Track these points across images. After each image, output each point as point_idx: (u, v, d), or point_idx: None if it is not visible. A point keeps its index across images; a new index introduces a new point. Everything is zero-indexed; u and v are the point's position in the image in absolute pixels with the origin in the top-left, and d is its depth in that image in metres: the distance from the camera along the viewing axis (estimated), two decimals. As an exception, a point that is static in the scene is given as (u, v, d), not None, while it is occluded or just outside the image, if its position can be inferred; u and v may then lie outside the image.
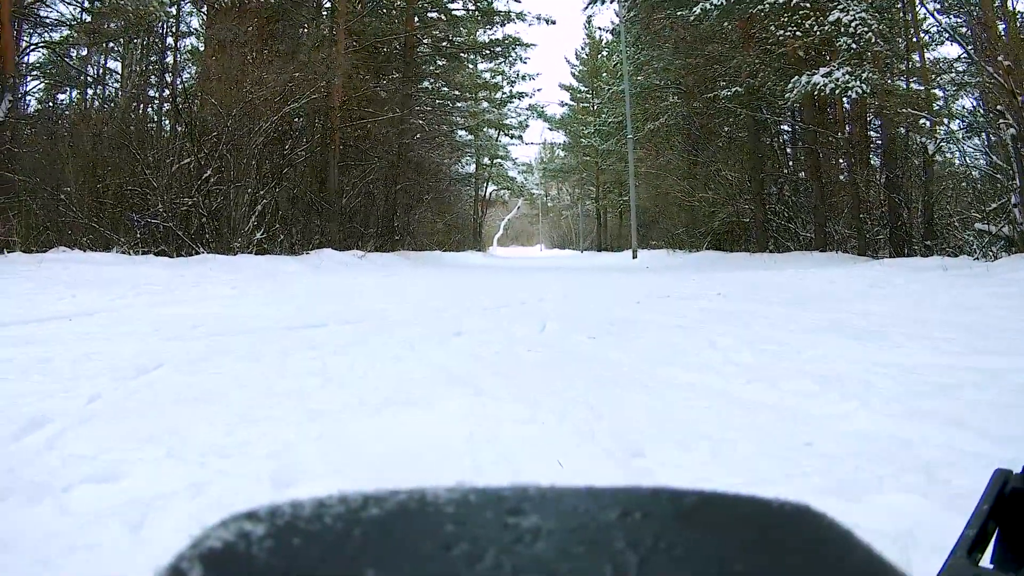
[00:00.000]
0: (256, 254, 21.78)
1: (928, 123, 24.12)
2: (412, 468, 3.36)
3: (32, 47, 27.56)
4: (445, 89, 46.26)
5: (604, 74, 62.72)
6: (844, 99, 27.42)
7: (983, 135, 21.62)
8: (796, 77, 23.77)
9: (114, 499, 2.94)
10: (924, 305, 10.17)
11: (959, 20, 27.98)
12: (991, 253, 17.34)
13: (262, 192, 22.97)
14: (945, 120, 23.59)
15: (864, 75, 22.27)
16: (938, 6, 27.82)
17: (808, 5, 23.96)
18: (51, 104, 30.05)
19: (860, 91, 22.41)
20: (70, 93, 31.51)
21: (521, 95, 58.98)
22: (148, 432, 3.82)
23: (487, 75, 56.70)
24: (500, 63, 50.76)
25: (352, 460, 3.49)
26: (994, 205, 17.88)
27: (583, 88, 72.62)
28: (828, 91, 22.75)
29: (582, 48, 74.34)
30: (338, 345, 6.89)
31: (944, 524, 2.61)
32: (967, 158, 22.21)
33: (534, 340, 7.46)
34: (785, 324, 8.51)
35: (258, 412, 4.31)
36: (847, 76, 22.29)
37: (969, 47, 23.30)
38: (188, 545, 0.46)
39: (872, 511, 2.83)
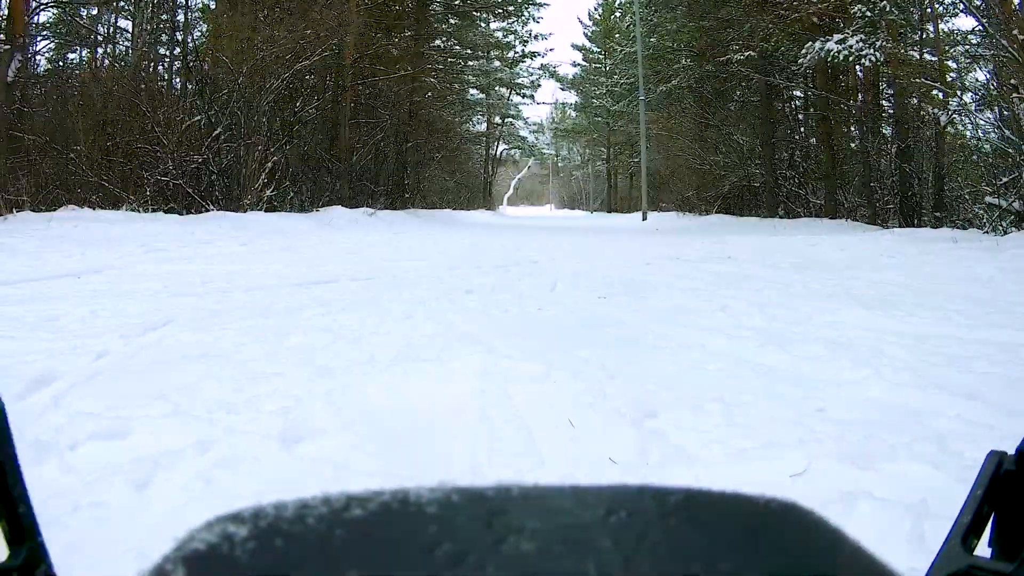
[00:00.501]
0: (266, 211, 21.73)
1: (940, 95, 23.93)
2: (422, 425, 3.34)
3: (42, 7, 27.42)
4: (457, 48, 46.00)
5: (617, 35, 62.13)
6: (857, 67, 27.18)
7: (995, 109, 21.40)
8: (810, 43, 23.51)
9: (120, 457, 2.91)
10: (935, 276, 10.05)
11: None
12: (1000, 227, 17.11)
13: (272, 149, 22.87)
14: (958, 92, 23.37)
15: (878, 43, 22.01)
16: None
17: (824, -30, 23.67)
18: (62, 64, 29.95)
19: (873, 59, 22.19)
20: (80, 52, 31.34)
21: (533, 55, 58.68)
22: (156, 389, 3.79)
23: (499, 34, 56.34)
24: (513, 22, 50.51)
25: (361, 417, 3.46)
26: (1005, 179, 17.70)
27: (596, 49, 72.01)
28: (841, 58, 22.48)
29: (595, 8, 73.72)
30: (348, 302, 6.87)
31: (957, 496, 2.56)
32: (979, 131, 22.01)
33: (545, 299, 7.45)
34: (797, 289, 8.48)
35: (267, 368, 4.28)
36: (861, 44, 22.03)
37: (984, 20, 23.05)
38: (173, 547, 0.46)
39: (885, 480, 2.80)
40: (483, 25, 50.11)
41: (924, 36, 26.05)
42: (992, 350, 5.21)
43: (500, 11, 43.57)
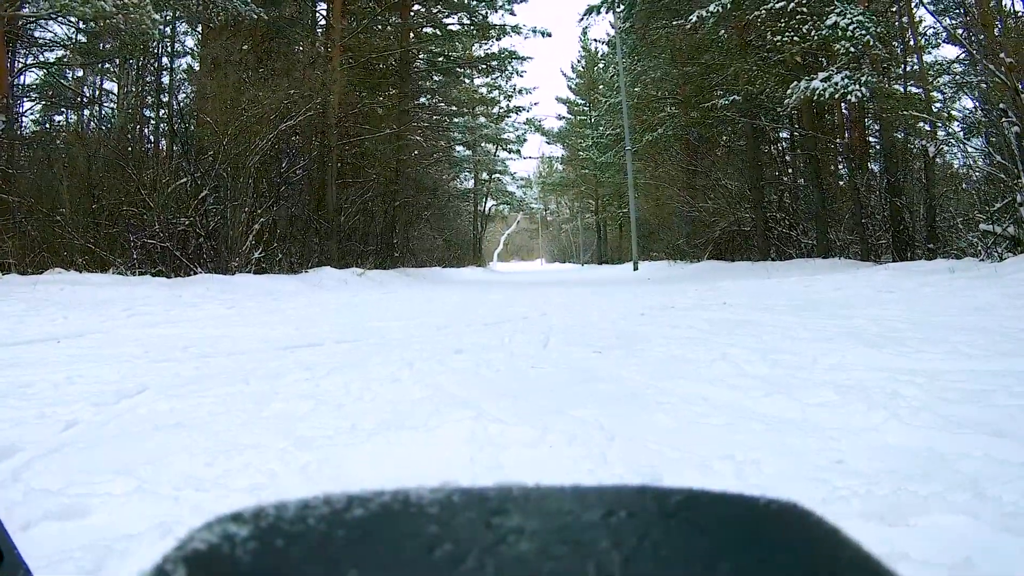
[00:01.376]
0: (255, 273, 21.66)
1: (927, 126, 24.04)
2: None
3: (26, 68, 27.46)
4: (442, 105, 46.25)
5: (601, 86, 62.59)
6: (842, 104, 27.33)
7: (983, 135, 21.45)
8: (795, 83, 23.58)
9: (74, 540, 2.64)
10: (937, 309, 9.93)
11: (955, 21, 27.92)
12: (996, 254, 17.16)
13: (259, 211, 22.86)
14: (945, 121, 23.45)
15: (863, 79, 22.07)
16: (934, 8, 27.73)
17: (805, 10, 23.80)
18: (48, 125, 30.00)
19: (860, 95, 22.22)
20: (67, 114, 31.44)
21: (518, 109, 59.04)
22: (123, 462, 3.54)
23: (484, 90, 56.68)
24: (496, 77, 50.70)
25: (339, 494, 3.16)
26: (998, 205, 17.74)
27: (580, 101, 72.57)
28: (827, 96, 22.51)
29: (578, 61, 74.52)
30: (333, 366, 6.60)
31: (1003, 549, 2.34)
32: (969, 159, 22.11)
33: (538, 356, 7.16)
34: (797, 332, 8.23)
35: (243, 439, 4.02)
36: (846, 80, 22.08)
37: (968, 47, 23.19)
38: (174, 547, 0.47)
39: (920, 538, 2.53)
40: (467, 81, 50.33)
41: (907, 69, 26.22)
42: (1009, 381, 5.01)
43: (483, 67, 43.61)
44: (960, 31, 27.07)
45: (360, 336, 9.07)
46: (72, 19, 25.48)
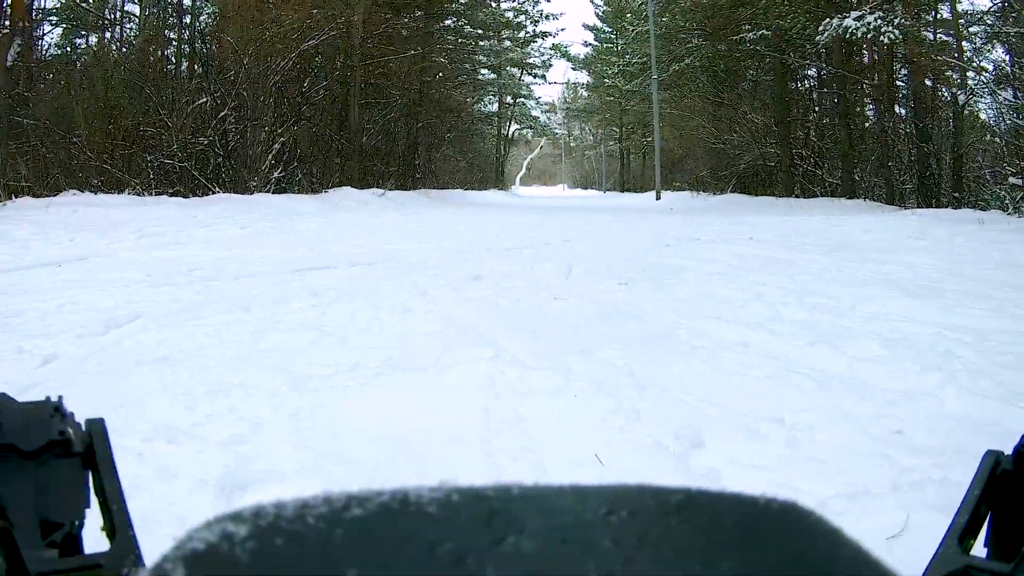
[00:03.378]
0: (274, 193, 21.38)
1: (956, 76, 23.58)
2: (406, 465, 2.70)
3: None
4: (468, 28, 45.52)
5: (628, 15, 61.42)
6: (872, 47, 26.76)
7: (1011, 87, 20.89)
8: (827, 19, 22.96)
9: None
10: (972, 261, 9.48)
11: None
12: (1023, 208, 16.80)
13: (279, 131, 22.47)
14: (975, 71, 22.93)
15: (897, 20, 21.44)
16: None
17: (841, -54, 23.18)
18: (69, 49, 29.69)
19: (892, 37, 21.60)
20: (88, 37, 31.01)
21: (544, 34, 58.43)
22: (94, 405, 3.16)
23: (510, 14, 55.93)
24: (524, 1, 49.93)
25: (330, 452, 2.85)
26: None
27: (607, 28, 71.41)
28: (860, 35, 21.95)
29: (606, -13, 73.26)
30: (343, 291, 6.22)
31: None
32: (1001, 110, 21.59)
33: (560, 286, 6.75)
34: (830, 275, 7.83)
35: (233, 376, 3.66)
36: (879, 21, 21.45)
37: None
38: (172, 547, 0.45)
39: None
40: (493, 4, 49.57)
41: (938, 17, 25.65)
42: (1065, 346, 4.58)
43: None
44: None
45: (375, 259, 8.69)
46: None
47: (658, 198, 36.86)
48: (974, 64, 22.99)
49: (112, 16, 30.47)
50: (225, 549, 0.44)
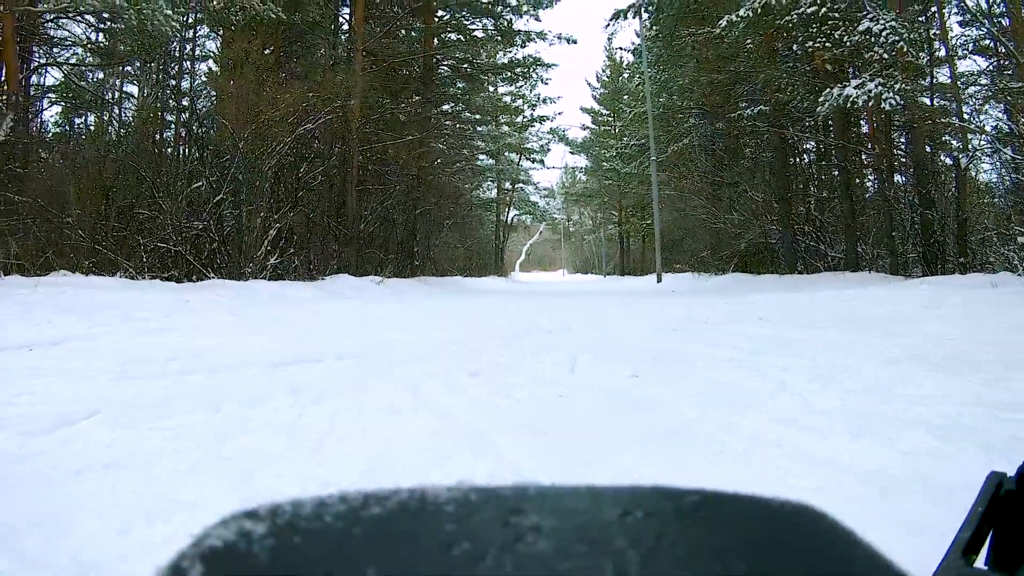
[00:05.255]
0: (270, 279, 21.17)
1: (956, 141, 23.67)
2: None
3: (42, 67, 27.09)
4: (466, 113, 45.72)
5: (626, 96, 62.14)
6: (862, 120, 26.85)
7: (1011, 147, 20.80)
8: (827, 90, 22.89)
9: None
10: (997, 327, 9.11)
11: (982, 32, 27.44)
12: None
13: (276, 216, 22.23)
14: (976, 133, 22.96)
15: (897, 86, 21.32)
16: (960, 19, 27.28)
17: (837, 15, 23.25)
18: (68, 128, 29.76)
19: (893, 103, 21.51)
20: (86, 117, 31.08)
21: (542, 119, 58.78)
22: (12, 522, 2.68)
23: (508, 98, 56.31)
24: (521, 86, 50.24)
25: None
26: None
27: (604, 111, 72.02)
28: (861, 103, 21.89)
29: (603, 70, 73.93)
30: (325, 389, 5.69)
31: None
32: (1007, 170, 21.57)
33: (565, 380, 6.20)
34: (853, 353, 7.34)
35: (183, 491, 3.13)
36: (880, 87, 21.33)
37: (993, 59, 22.97)
38: (189, 544, 0.46)
39: None
40: (491, 89, 49.84)
41: (934, 81, 25.81)
42: None
43: (508, 74, 43.02)
44: (987, 41, 26.74)
45: (365, 351, 8.18)
46: (88, 17, 25.16)
47: (659, 280, 36.65)
48: (974, 125, 22.99)
49: (111, 96, 30.59)
50: (242, 547, 0.44)
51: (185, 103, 29.14)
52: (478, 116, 48.24)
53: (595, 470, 3.45)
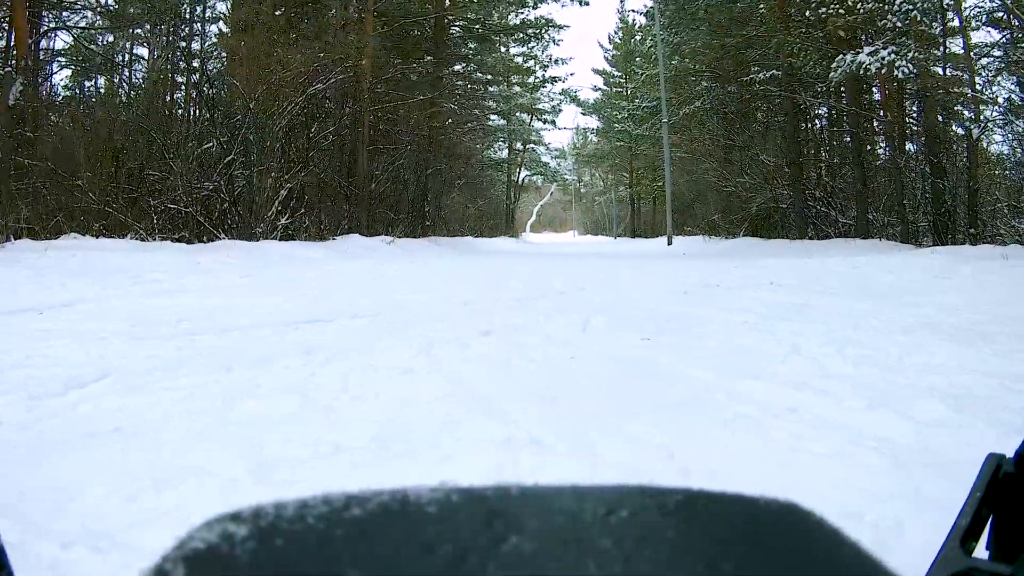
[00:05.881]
0: (281, 240, 21.06)
1: (968, 111, 23.50)
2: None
3: (52, 31, 26.96)
4: (477, 73, 45.41)
5: (638, 58, 61.57)
6: (874, 87, 26.65)
7: (1021, 121, 20.63)
8: (840, 56, 22.67)
9: None
10: (1009, 300, 8.98)
11: (995, 3, 27.19)
12: None
13: (287, 176, 22.15)
14: (987, 105, 22.77)
15: (910, 54, 21.12)
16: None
17: (852, -18, 22.94)
18: (78, 91, 29.65)
19: (906, 71, 21.31)
20: (97, 80, 30.94)
21: (554, 79, 58.37)
22: (16, 491, 2.65)
23: (519, 59, 55.96)
24: (533, 47, 49.98)
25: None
26: None
27: (616, 73, 71.53)
28: (874, 70, 21.64)
29: (615, 32, 73.33)
30: (338, 348, 5.65)
31: None
32: (1018, 142, 21.41)
33: (577, 342, 6.15)
34: (866, 321, 7.27)
35: (191, 456, 3.09)
36: (893, 55, 21.12)
37: (1007, 31, 22.83)
38: (173, 546, 0.46)
39: None
40: (503, 50, 49.51)
41: (946, 52, 25.59)
42: None
43: (520, 35, 42.75)
44: (1001, 13, 26.55)
45: (378, 310, 8.14)
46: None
47: (670, 243, 36.51)
48: (988, 97, 22.80)
49: (121, 59, 30.43)
50: (225, 549, 0.44)
51: (196, 65, 28.95)
52: (490, 76, 47.96)
53: (605, 438, 3.41)
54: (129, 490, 2.70)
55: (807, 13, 27.43)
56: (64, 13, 26.88)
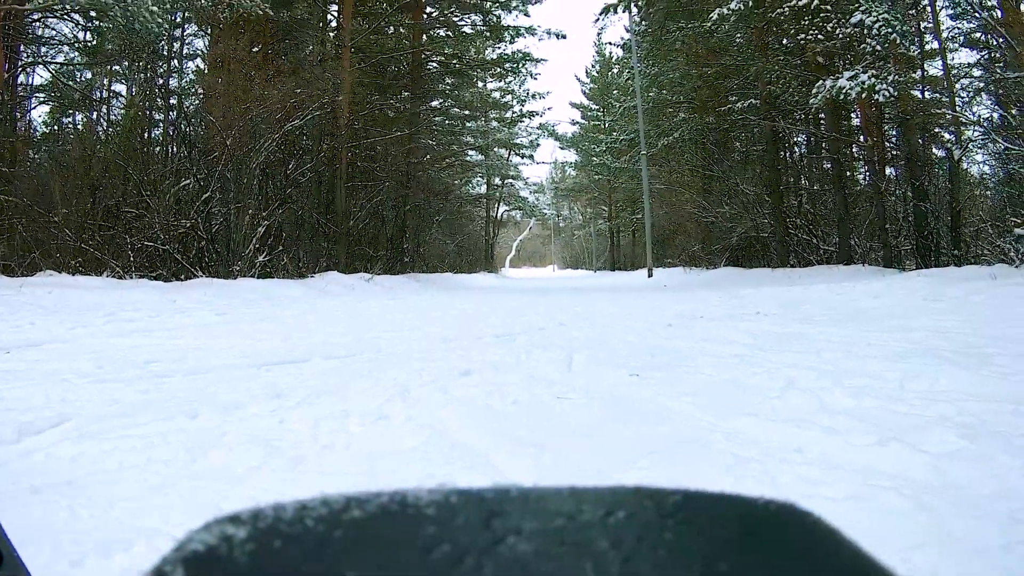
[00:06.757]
0: (259, 278, 20.99)
1: (947, 134, 23.83)
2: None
3: (30, 65, 26.88)
4: (455, 109, 45.49)
5: (615, 91, 61.92)
6: (853, 113, 26.85)
7: (1002, 139, 20.73)
8: (820, 82, 22.75)
9: None
10: (1003, 320, 8.89)
11: (973, 25, 27.48)
12: None
13: (264, 214, 22.01)
14: (968, 125, 22.97)
15: (890, 78, 21.18)
16: (951, 12, 27.22)
17: (829, 8, 23.14)
18: (56, 127, 29.62)
19: (887, 94, 21.40)
20: (74, 116, 30.87)
21: (531, 114, 58.63)
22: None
23: (497, 94, 56.17)
24: (510, 81, 50.12)
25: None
26: None
27: (594, 106, 71.97)
28: (854, 95, 21.75)
29: (592, 66, 73.94)
30: (309, 392, 5.39)
31: None
32: (998, 161, 21.65)
33: (562, 380, 5.89)
34: (859, 348, 7.11)
35: (144, 516, 2.82)
36: (873, 79, 21.16)
37: (984, 51, 23.20)
38: (172, 548, 0.47)
39: None
40: (480, 85, 49.64)
41: (925, 75, 25.87)
42: None
43: (497, 70, 42.83)
44: (979, 34, 26.83)
45: (354, 350, 7.90)
46: (76, 16, 24.99)
47: (650, 275, 36.51)
48: (966, 117, 23.02)
49: (99, 96, 30.35)
50: (224, 551, 0.44)
51: (173, 101, 28.88)
52: (467, 112, 48.08)
53: (607, 484, 3.16)
54: (75, 553, 2.43)
55: (784, 41, 27.59)
56: (42, 48, 26.84)
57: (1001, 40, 21.45)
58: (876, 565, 0.47)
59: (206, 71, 29.50)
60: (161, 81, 30.64)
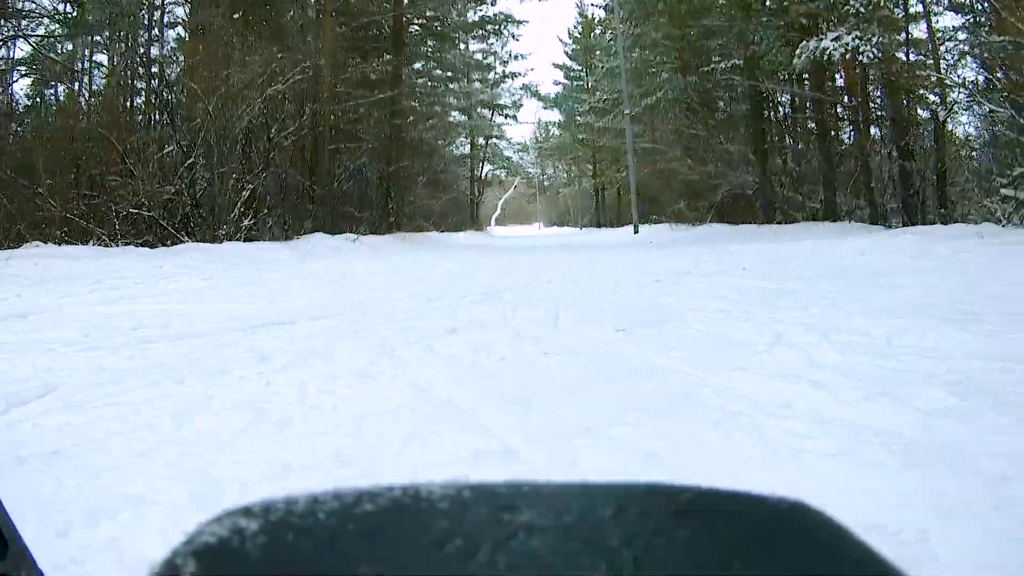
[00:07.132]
0: (244, 241, 20.84)
1: (932, 96, 23.81)
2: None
3: (8, 39, 26.61)
4: (437, 71, 45.21)
5: (598, 52, 61.54)
6: (848, 69, 26.76)
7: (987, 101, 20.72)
8: (803, 43, 22.65)
9: None
10: (991, 278, 8.79)
11: None
12: (1018, 218, 16.59)
13: (248, 178, 21.93)
14: (954, 87, 22.93)
15: (874, 39, 21.10)
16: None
17: (814, -31, 23.01)
18: (38, 99, 29.44)
19: (871, 55, 21.32)
20: (57, 88, 30.66)
21: (514, 75, 58.35)
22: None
23: (479, 56, 55.82)
24: (492, 43, 49.80)
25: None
26: (1020, 170, 17.04)
27: (577, 67, 71.44)
28: (838, 56, 21.67)
29: (575, 27, 73.19)
30: (296, 354, 5.36)
31: None
32: (984, 123, 21.62)
33: (548, 337, 5.89)
34: (846, 305, 7.09)
35: (129, 484, 2.81)
36: (857, 40, 21.08)
37: (969, 15, 23.19)
38: (183, 541, 0.47)
39: None
40: (462, 47, 49.33)
41: (909, 37, 25.75)
42: None
43: (480, 32, 42.59)
44: None
45: (341, 310, 7.88)
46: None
47: (636, 232, 36.36)
48: (951, 79, 22.97)
49: (81, 67, 30.14)
50: (236, 543, 0.45)
51: (155, 70, 28.69)
52: (450, 73, 47.78)
53: (587, 446, 3.16)
54: (61, 522, 2.42)
55: (767, 2, 27.44)
56: (23, 22, 26.58)
57: (986, 4, 21.32)
58: (887, 564, 0.47)
59: (187, 38, 29.31)
60: (142, 50, 30.47)
